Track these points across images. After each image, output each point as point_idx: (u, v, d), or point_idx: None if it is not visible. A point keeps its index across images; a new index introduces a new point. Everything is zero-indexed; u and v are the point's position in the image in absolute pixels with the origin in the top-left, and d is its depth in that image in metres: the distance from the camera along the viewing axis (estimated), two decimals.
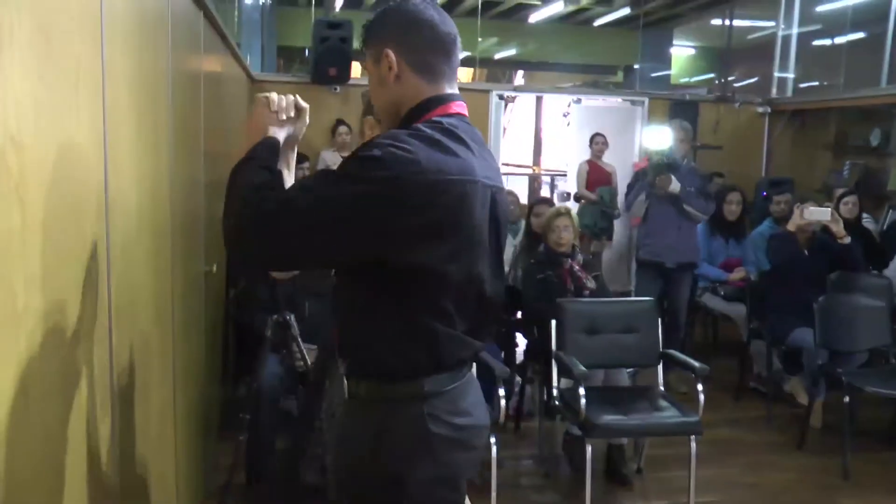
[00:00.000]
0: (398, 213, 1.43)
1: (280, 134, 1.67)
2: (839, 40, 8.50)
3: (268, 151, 1.62)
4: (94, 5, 1.56)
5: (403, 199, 1.43)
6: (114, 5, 1.69)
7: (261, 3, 10.28)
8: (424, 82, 1.61)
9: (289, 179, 1.75)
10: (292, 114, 1.70)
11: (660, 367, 3.99)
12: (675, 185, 5.03)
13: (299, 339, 3.30)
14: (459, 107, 1.63)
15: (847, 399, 4.06)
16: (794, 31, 8.67)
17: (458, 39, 1.65)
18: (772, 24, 9.18)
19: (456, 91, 1.67)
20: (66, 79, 1.38)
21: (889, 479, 4.05)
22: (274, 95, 1.68)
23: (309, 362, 3.31)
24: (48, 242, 1.28)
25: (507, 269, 4.97)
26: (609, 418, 3.52)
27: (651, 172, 5.14)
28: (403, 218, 1.44)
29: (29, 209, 1.18)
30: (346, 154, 7.03)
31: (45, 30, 1.25)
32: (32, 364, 1.22)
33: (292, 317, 3.27)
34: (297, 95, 1.72)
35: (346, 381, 1.68)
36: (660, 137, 5.29)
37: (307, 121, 1.74)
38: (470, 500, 1.82)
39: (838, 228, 4.67)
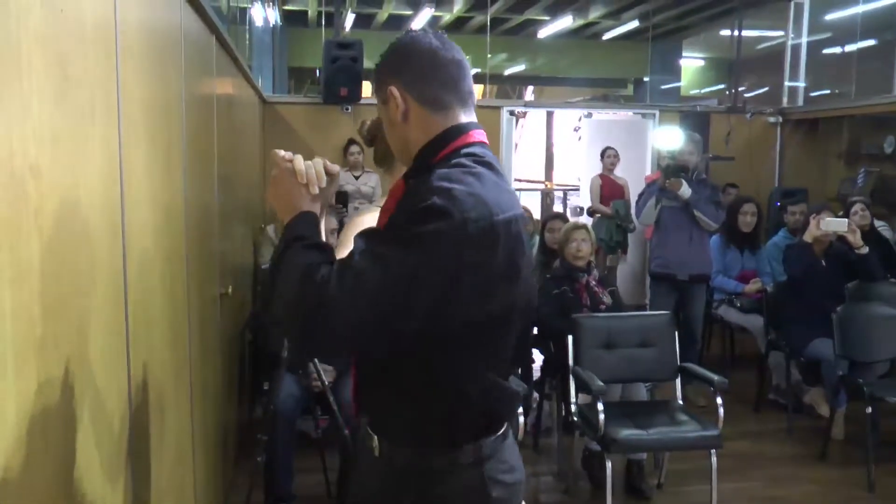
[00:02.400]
0: (476, 261, 1.36)
1: (315, 207, 1.47)
2: (849, 48, 8.48)
3: (310, 228, 1.43)
4: (109, 32, 1.57)
5: (477, 245, 1.35)
6: (128, 32, 1.71)
7: (271, 25, 10.36)
8: (433, 115, 1.50)
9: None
10: (324, 184, 1.49)
11: (677, 381, 3.97)
12: (685, 189, 5.01)
13: (315, 360, 3.30)
14: (480, 135, 1.54)
15: (869, 409, 4.01)
16: (804, 39, 8.65)
17: (466, 64, 1.55)
18: (781, 33, 9.17)
19: (473, 118, 1.56)
20: (82, 105, 1.39)
21: None
22: (300, 163, 1.47)
23: (326, 382, 3.31)
24: (65, 268, 1.29)
25: None
26: (628, 433, 3.50)
27: (662, 176, 5.13)
28: (481, 264, 1.37)
29: (47, 236, 1.19)
30: (357, 174, 7.07)
31: (62, 58, 1.27)
32: (52, 390, 1.23)
33: None
34: (326, 160, 1.52)
35: (376, 444, 1.56)
36: (670, 138, 5.30)
37: (339, 183, 1.57)
38: None
39: (855, 239, 4.64)
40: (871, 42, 8.40)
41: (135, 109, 1.78)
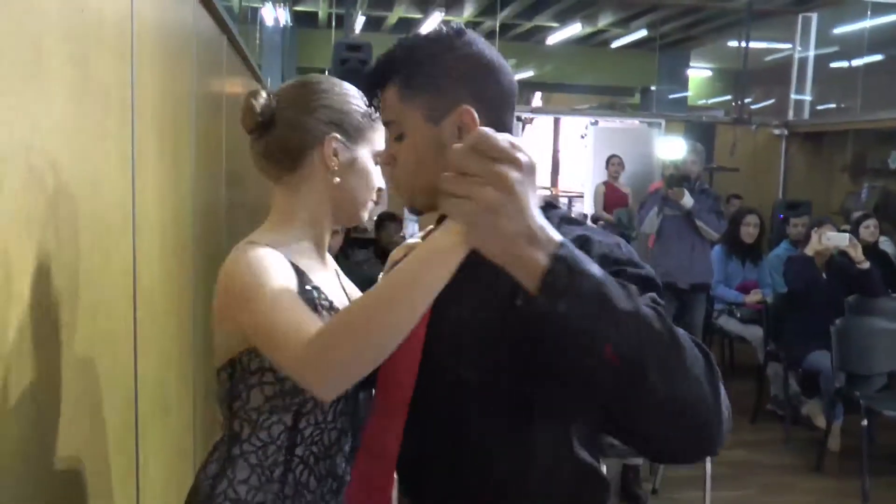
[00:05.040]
0: None
1: None
2: (856, 63, 8.51)
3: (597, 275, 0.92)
4: (126, 31, 1.61)
5: None
6: (143, 30, 1.75)
7: (282, 25, 10.42)
8: None
9: None
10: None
11: None
12: (687, 199, 5.05)
13: None
14: None
15: (865, 422, 4.04)
16: (811, 53, 8.69)
17: None
18: (788, 46, 9.21)
19: None
20: (98, 102, 1.43)
21: None
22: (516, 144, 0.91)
23: None
24: (79, 261, 1.33)
25: None
26: None
27: (664, 185, 5.18)
28: None
29: (62, 228, 1.23)
30: None
31: (81, 56, 1.31)
32: (67, 377, 1.26)
33: None
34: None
35: None
36: (674, 149, 5.36)
37: None
38: None
39: (857, 254, 4.66)
40: (878, 57, 8.42)
41: (147, 107, 1.82)
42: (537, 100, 15.63)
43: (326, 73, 9.00)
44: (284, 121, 1.38)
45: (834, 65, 9.23)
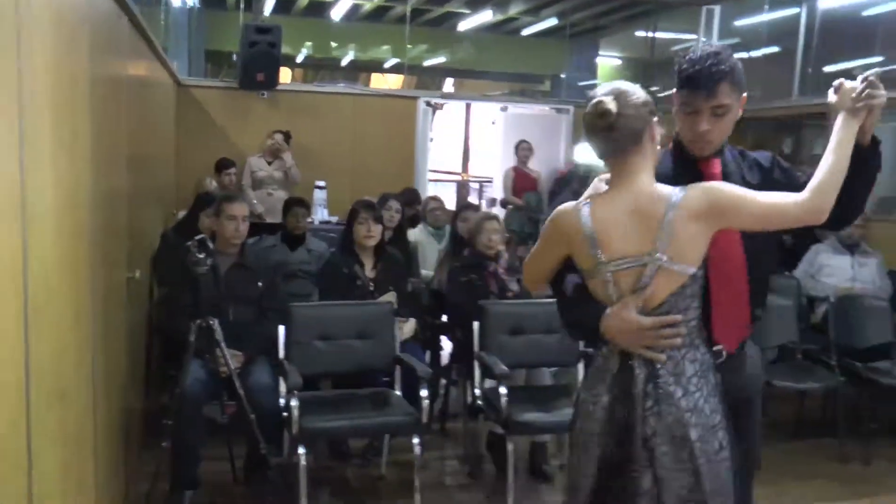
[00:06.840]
0: None
1: None
2: (755, 54, 8.84)
3: None
4: (9, 8, 1.56)
5: None
6: (30, 9, 1.70)
7: (188, 6, 10.15)
8: None
9: None
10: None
11: (580, 366, 4.10)
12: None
13: (223, 345, 3.30)
14: None
15: None
16: (714, 43, 8.97)
17: None
18: (693, 36, 9.50)
19: None
20: None
21: (797, 467, 4.27)
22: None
23: (232, 367, 3.31)
24: None
25: (432, 273, 5.04)
26: (530, 416, 3.61)
27: (575, 181, 5.30)
28: None
29: None
30: (271, 160, 7.04)
31: None
32: None
33: (216, 322, 3.28)
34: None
35: (725, 353, 2.17)
36: (591, 153, 5.50)
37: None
38: (393, 501, 1.88)
39: None
40: (775, 49, 8.77)
41: (37, 86, 1.77)
42: (448, 85, 15.70)
43: (234, 56, 8.75)
44: (626, 118, 2.04)
45: (736, 56, 9.56)
